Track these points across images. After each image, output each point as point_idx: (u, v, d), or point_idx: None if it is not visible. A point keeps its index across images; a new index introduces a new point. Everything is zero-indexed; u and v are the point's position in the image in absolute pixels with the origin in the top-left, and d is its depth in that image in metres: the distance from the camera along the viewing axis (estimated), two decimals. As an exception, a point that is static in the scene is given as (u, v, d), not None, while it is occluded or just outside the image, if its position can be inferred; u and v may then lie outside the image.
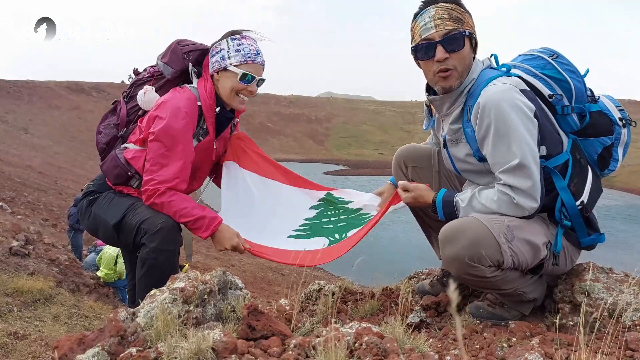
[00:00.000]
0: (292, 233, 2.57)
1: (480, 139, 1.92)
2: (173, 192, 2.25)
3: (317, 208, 2.69)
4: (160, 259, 2.13)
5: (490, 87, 1.88)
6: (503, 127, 1.82)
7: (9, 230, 6.08)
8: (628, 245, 23.48)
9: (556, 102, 1.96)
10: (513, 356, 1.54)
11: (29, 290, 4.50)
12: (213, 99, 2.37)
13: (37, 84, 50.87)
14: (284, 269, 16.16)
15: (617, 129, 2.01)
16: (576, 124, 2.00)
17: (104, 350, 1.45)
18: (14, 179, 18.88)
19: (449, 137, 2.10)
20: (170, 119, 2.22)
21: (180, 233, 2.26)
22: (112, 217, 2.27)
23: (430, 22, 1.93)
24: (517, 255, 1.81)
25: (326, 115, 71.29)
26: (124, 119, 2.45)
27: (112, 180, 2.41)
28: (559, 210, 1.92)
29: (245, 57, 2.33)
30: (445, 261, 1.89)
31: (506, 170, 1.84)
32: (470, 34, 1.95)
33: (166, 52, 2.46)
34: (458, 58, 1.93)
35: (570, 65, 1.95)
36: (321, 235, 2.52)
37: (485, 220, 1.81)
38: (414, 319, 2.16)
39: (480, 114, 1.87)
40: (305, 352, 1.43)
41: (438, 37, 1.91)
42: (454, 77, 1.95)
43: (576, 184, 1.94)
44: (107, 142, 2.49)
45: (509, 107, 1.81)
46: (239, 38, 2.36)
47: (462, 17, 1.94)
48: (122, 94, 2.55)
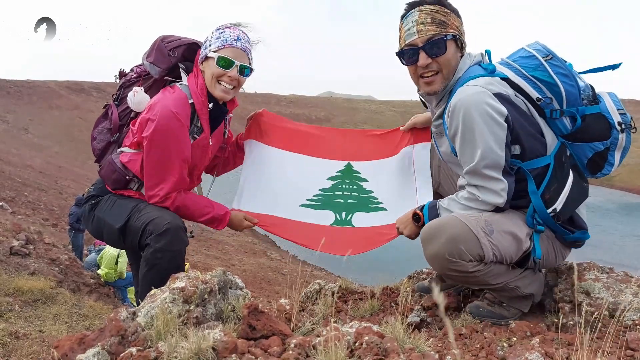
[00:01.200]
0: (305, 202, 2.70)
1: (451, 137, 1.99)
2: (180, 195, 2.31)
3: (334, 179, 2.77)
4: (165, 259, 2.13)
5: (463, 89, 1.90)
6: (469, 130, 1.87)
7: (10, 230, 6.08)
8: (626, 244, 23.45)
9: (544, 106, 1.94)
10: (513, 355, 1.54)
11: (29, 289, 4.50)
12: (205, 95, 2.34)
13: (38, 83, 50.81)
14: (284, 269, 16.15)
15: (614, 133, 1.95)
16: (567, 127, 1.97)
17: (104, 350, 1.45)
18: (15, 178, 18.87)
19: (434, 130, 2.20)
20: (161, 121, 2.19)
21: (185, 233, 2.26)
22: (116, 221, 2.26)
23: (413, 27, 1.97)
24: (497, 248, 1.83)
25: (326, 115, 71.25)
26: (116, 123, 2.43)
27: (111, 186, 2.40)
28: (530, 215, 1.93)
29: (223, 42, 2.29)
30: (428, 260, 1.93)
31: (468, 170, 1.92)
32: (454, 36, 1.96)
33: (151, 51, 2.39)
34: (442, 61, 1.98)
35: (564, 68, 1.91)
36: (330, 209, 2.66)
37: (462, 217, 1.86)
38: (414, 318, 2.16)
39: (450, 115, 1.92)
40: (306, 351, 1.43)
41: (420, 42, 1.96)
42: (438, 81, 2.01)
43: (552, 191, 1.92)
44: (102, 148, 2.47)
45: (476, 111, 1.83)
46: (223, 28, 2.35)
47: (445, 19, 1.95)
48: (112, 97, 2.52)
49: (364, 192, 2.68)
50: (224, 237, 18.73)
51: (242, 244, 19.18)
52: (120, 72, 2.57)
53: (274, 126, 2.88)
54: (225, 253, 17.16)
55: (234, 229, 2.58)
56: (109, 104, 2.53)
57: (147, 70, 2.43)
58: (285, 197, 2.71)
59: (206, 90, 2.34)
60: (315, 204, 2.70)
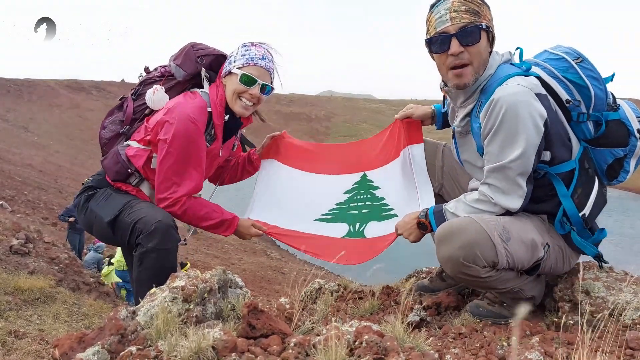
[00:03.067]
0: (320, 217, 2.69)
1: (484, 134, 1.90)
2: (189, 199, 2.31)
3: (350, 192, 2.76)
4: (158, 258, 2.13)
5: (506, 86, 1.82)
6: (507, 129, 1.80)
7: (9, 229, 6.08)
8: (624, 244, 23.48)
9: (573, 109, 1.90)
10: (513, 355, 1.54)
11: (29, 288, 4.51)
12: (223, 107, 2.38)
13: (38, 82, 50.78)
14: (284, 268, 16.16)
15: (632, 140, 1.92)
16: (590, 132, 1.93)
17: (104, 349, 1.45)
18: (14, 177, 18.88)
19: (458, 129, 2.09)
20: (180, 126, 2.21)
21: (176, 230, 2.25)
22: (107, 214, 2.25)
23: (446, 14, 1.87)
24: (512, 256, 1.80)
25: (326, 114, 71.20)
26: (129, 116, 2.45)
27: (111, 176, 2.40)
28: (559, 220, 1.89)
29: (248, 60, 2.34)
30: (441, 261, 1.89)
31: (491, 168, 1.87)
32: (487, 28, 1.88)
33: (179, 54, 2.45)
34: (474, 52, 1.87)
35: (594, 71, 1.87)
36: (344, 221, 2.64)
37: (480, 221, 1.81)
38: (414, 317, 2.15)
39: (490, 111, 1.83)
40: (306, 350, 1.43)
41: (453, 30, 1.85)
42: (469, 73, 1.90)
43: (580, 195, 1.89)
44: (110, 137, 2.48)
45: (520, 111, 1.77)
46: (249, 45, 2.39)
47: (479, 9, 1.87)
48: (130, 91, 2.55)
49: (377, 200, 2.67)
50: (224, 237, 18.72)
51: (242, 243, 19.19)
52: (146, 69, 2.59)
53: (294, 147, 2.91)
54: (225, 252, 17.18)
55: (240, 236, 2.55)
56: (125, 97, 2.55)
57: (171, 72, 2.47)
58: (300, 212, 2.70)
59: (225, 102, 2.38)
60: (329, 218, 2.69)
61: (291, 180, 2.82)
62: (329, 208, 2.71)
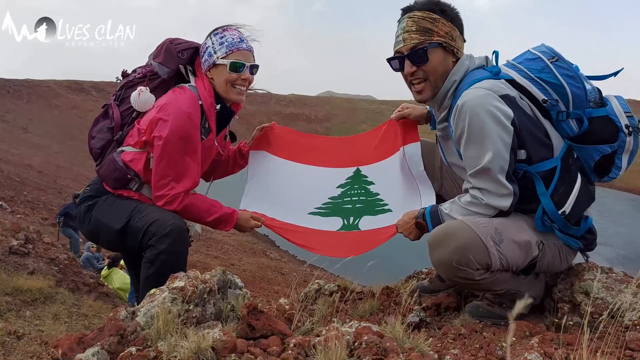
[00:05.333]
0: (314, 210, 2.69)
1: (456, 139, 1.98)
2: (188, 195, 2.30)
3: (343, 187, 2.76)
4: (170, 260, 2.12)
5: (469, 91, 1.89)
6: (475, 133, 1.86)
7: (9, 229, 6.07)
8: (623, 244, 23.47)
9: (550, 108, 1.93)
10: (512, 356, 1.54)
11: (28, 289, 4.50)
12: (213, 97, 2.36)
13: (37, 83, 50.71)
14: (284, 269, 16.15)
15: (622, 136, 1.93)
16: (573, 130, 1.95)
17: (103, 350, 1.45)
18: (14, 178, 18.86)
19: (439, 133, 2.20)
20: (176, 121, 2.20)
21: (188, 234, 2.26)
22: (116, 222, 2.24)
23: (400, 35, 1.99)
24: (505, 257, 1.82)
25: (326, 115, 71.19)
26: (118, 122, 2.41)
27: (111, 184, 2.37)
28: (540, 217, 1.91)
29: (230, 46, 2.33)
30: (434, 265, 1.93)
31: (473, 173, 1.92)
32: (440, 44, 1.95)
33: (159, 52, 2.41)
34: (427, 69, 1.99)
35: (570, 69, 1.89)
36: (338, 215, 2.65)
37: (472, 224, 1.83)
38: (413, 318, 2.16)
39: (456, 117, 1.91)
40: (305, 351, 1.43)
41: (405, 51, 1.98)
42: (427, 89, 2.03)
43: (560, 193, 1.91)
44: (101, 146, 2.45)
45: (483, 113, 1.82)
46: (220, 31, 2.37)
47: (432, 26, 1.94)
48: (112, 97, 2.51)
49: (371, 196, 2.68)
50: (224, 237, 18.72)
51: (242, 244, 19.18)
52: (123, 72, 2.56)
53: (284, 139, 2.89)
54: (225, 252, 17.15)
55: (240, 229, 2.54)
56: (108, 104, 2.51)
57: (153, 71, 2.44)
58: (294, 205, 2.70)
59: (213, 91, 2.37)
60: (323, 212, 2.69)
61: (283, 172, 2.81)
62: (323, 202, 2.71)
